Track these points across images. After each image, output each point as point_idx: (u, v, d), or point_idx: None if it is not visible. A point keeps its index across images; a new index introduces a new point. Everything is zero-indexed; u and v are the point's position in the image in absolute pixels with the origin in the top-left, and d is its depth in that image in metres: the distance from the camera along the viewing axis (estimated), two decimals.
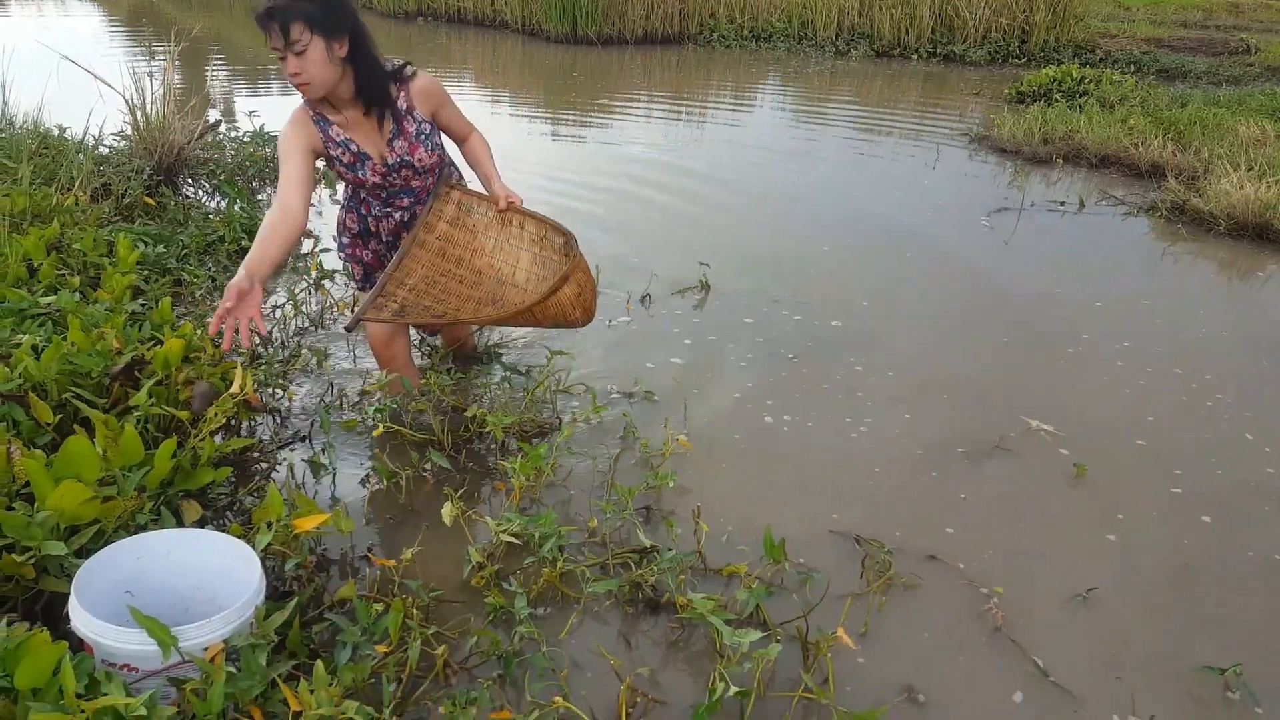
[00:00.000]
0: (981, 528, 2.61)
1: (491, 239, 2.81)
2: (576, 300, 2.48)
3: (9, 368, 2.29)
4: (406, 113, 2.59)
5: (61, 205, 3.74)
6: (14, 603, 1.84)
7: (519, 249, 2.80)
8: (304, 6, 2.25)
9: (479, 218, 2.80)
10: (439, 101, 2.67)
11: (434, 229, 2.76)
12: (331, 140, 2.54)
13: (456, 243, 2.79)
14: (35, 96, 4.92)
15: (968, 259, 4.92)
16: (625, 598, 2.20)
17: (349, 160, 2.57)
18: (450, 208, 2.79)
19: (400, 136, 2.58)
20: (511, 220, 2.80)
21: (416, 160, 2.62)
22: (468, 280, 2.80)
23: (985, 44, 12.71)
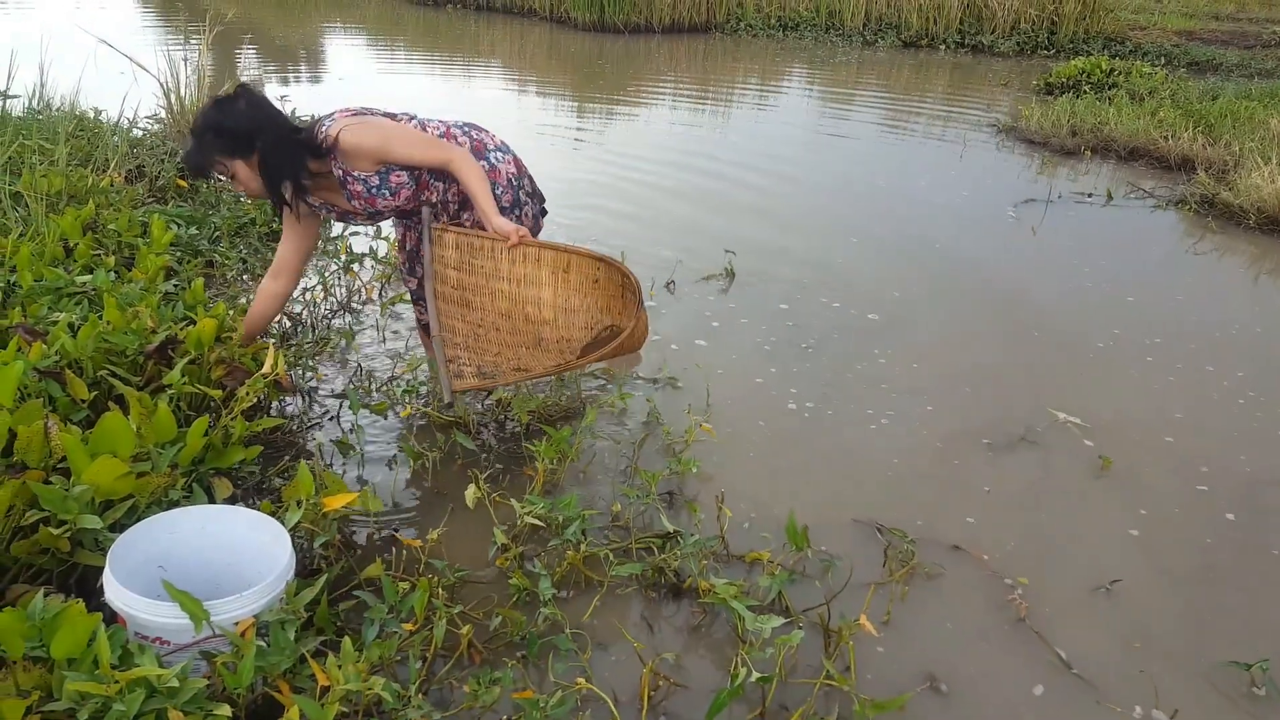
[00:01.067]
0: (1006, 518, 2.61)
1: (505, 279, 2.53)
2: (647, 323, 2.51)
3: (46, 345, 2.33)
4: (345, 177, 2.47)
5: (97, 186, 3.80)
6: (49, 575, 1.89)
7: (539, 285, 2.54)
8: (211, 143, 2.35)
9: (486, 259, 2.52)
10: (373, 153, 2.45)
11: (445, 278, 2.55)
12: (313, 207, 2.59)
13: (472, 289, 2.55)
14: (72, 80, 4.98)
15: (994, 250, 4.88)
16: (648, 582, 2.21)
17: (337, 216, 2.65)
18: (450, 252, 2.53)
19: (354, 197, 2.51)
20: (525, 255, 2.50)
21: (383, 208, 2.56)
22: (502, 326, 2.58)
23: (1014, 35, 12.57)
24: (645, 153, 6.59)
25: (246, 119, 2.37)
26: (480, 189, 2.47)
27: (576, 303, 2.56)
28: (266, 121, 2.40)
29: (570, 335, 2.57)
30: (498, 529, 2.27)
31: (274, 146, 2.39)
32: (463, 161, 2.48)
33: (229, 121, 2.35)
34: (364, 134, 2.43)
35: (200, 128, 2.37)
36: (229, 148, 2.35)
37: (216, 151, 2.35)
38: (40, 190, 3.48)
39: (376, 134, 2.44)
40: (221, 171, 2.40)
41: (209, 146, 2.35)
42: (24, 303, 2.67)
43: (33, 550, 1.83)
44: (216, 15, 5.64)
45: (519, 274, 2.52)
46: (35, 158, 3.93)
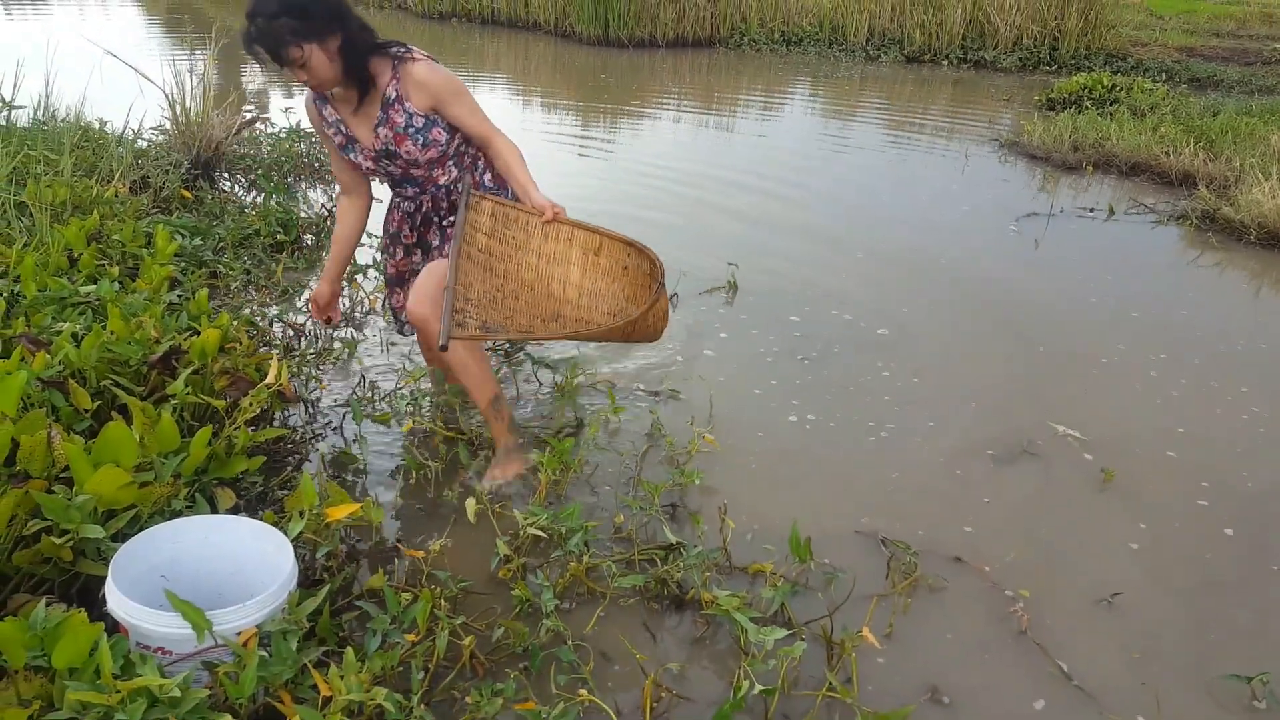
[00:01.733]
0: (1007, 531, 2.60)
1: (535, 253, 2.52)
2: (665, 309, 2.41)
3: (50, 354, 2.33)
4: (396, 101, 2.36)
5: (101, 197, 3.81)
6: (51, 585, 1.88)
7: (568, 264, 2.53)
8: (287, 24, 2.14)
9: (518, 230, 2.51)
10: (440, 97, 2.39)
11: (474, 240, 2.46)
12: (325, 120, 2.47)
13: (499, 256, 2.52)
14: (78, 91, 5.01)
15: (997, 264, 4.89)
16: (651, 594, 2.21)
17: (341, 141, 2.48)
18: (485, 219, 2.48)
19: (385, 125, 2.39)
20: (558, 233, 2.51)
21: (404, 152, 2.42)
22: (522, 295, 2.54)
23: (1016, 50, 12.62)
24: (645, 167, 6.62)
25: (325, 3, 2.22)
26: (518, 164, 2.47)
27: (603, 287, 2.55)
28: (346, 8, 2.28)
29: (591, 319, 2.55)
30: (500, 540, 2.27)
31: (359, 30, 2.28)
32: (505, 139, 2.50)
33: (310, 3, 2.17)
34: (440, 71, 2.39)
35: (272, 8, 2.14)
36: (310, 30, 2.16)
37: (292, 34, 2.14)
38: (45, 200, 3.50)
39: (451, 79, 2.41)
40: (294, 57, 2.17)
41: (283, 29, 2.13)
42: (28, 312, 2.68)
43: (35, 560, 1.82)
44: (222, 27, 5.67)
45: (549, 250, 2.51)
46: (40, 168, 3.95)
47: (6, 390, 1.97)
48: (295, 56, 2.16)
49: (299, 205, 4.92)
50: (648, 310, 2.34)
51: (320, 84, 2.27)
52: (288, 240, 4.27)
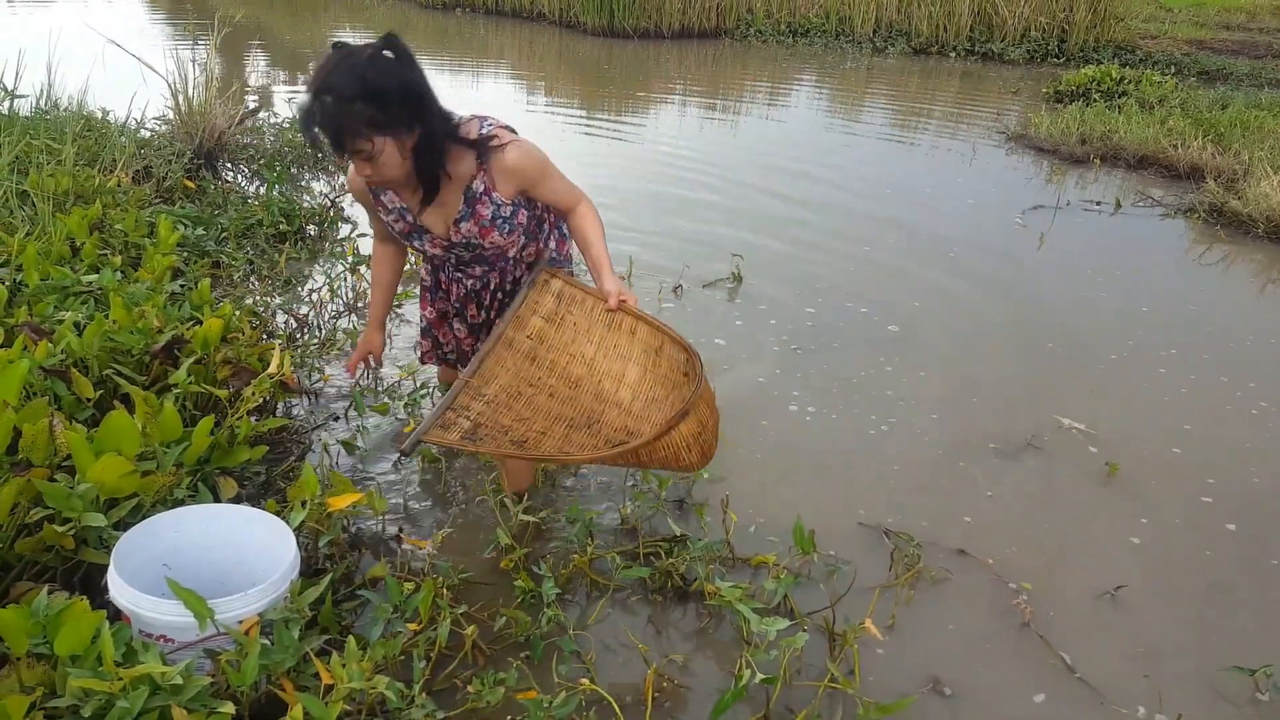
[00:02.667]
0: (1010, 523, 2.60)
1: (594, 344, 2.20)
2: (695, 440, 1.89)
3: (52, 343, 2.33)
4: (484, 194, 2.05)
5: (104, 186, 3.81)
6: (54, 573, 1.88)
7: (627, 360, 2.18)
8: (363, 112, 1.79)
9: (581, 316, 2.21)
10: (530, 181, 2.09)
11: (526, 325, 2.17)
12: (383, 206, 2.12)
13: (552, 345, 2.21)
14: (80, 80, 5.00)
15: (1002, 257, 4.87)
16: (654, 586, 2.21)
17: (404, 229, 2.13)
18: (549, 300, 2.20)
19: (470, 220, 2.07)
20: (621, 323, 2.18)
21: (487, 243, 2.11)
22: (560, 394, 2.19)
23: (1024, 43, 12.55)
24: (648, 160, 6.60)
25: (415, 89, 1.88)
26: (598, 235, 2.18)
27: (661, 394, 2.13)
28: (430, 97, 1.93)
29: (640, 429, 2.10)
30: (501, 529, 2.26)
31: (439, 130, 1.95)
32: (588, 204, 2.21)
33: (393, 91, 1.82)
34: (532, 154, 2.07)
35: (350, 90, 1.78)
36: (389, 122, 1.83)
37: (369, 124, 1.80)
38: (47, 190, 3.49)
39: (541, 160, 2.10)
40: (362, 149, 1.83)
41: (357, 117, 1.78)
42: (30, 301, 2.68)
43: (37, 548, 1.82)
44: (225, 17, 5.66)
45: (610, 341, 2.19)
46: (43, 157, 3.95)
47: (9, 379, 1.97)
48: (364, 149, 1.82)
49: (302, 195, 4.92)
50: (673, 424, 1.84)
51: (384, 181, 1.96)
52: (290, 230, 4.26)
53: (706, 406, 1.92)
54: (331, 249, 4.27)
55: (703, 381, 1.90)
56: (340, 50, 1.83)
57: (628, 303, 2.09)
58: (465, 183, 2.04)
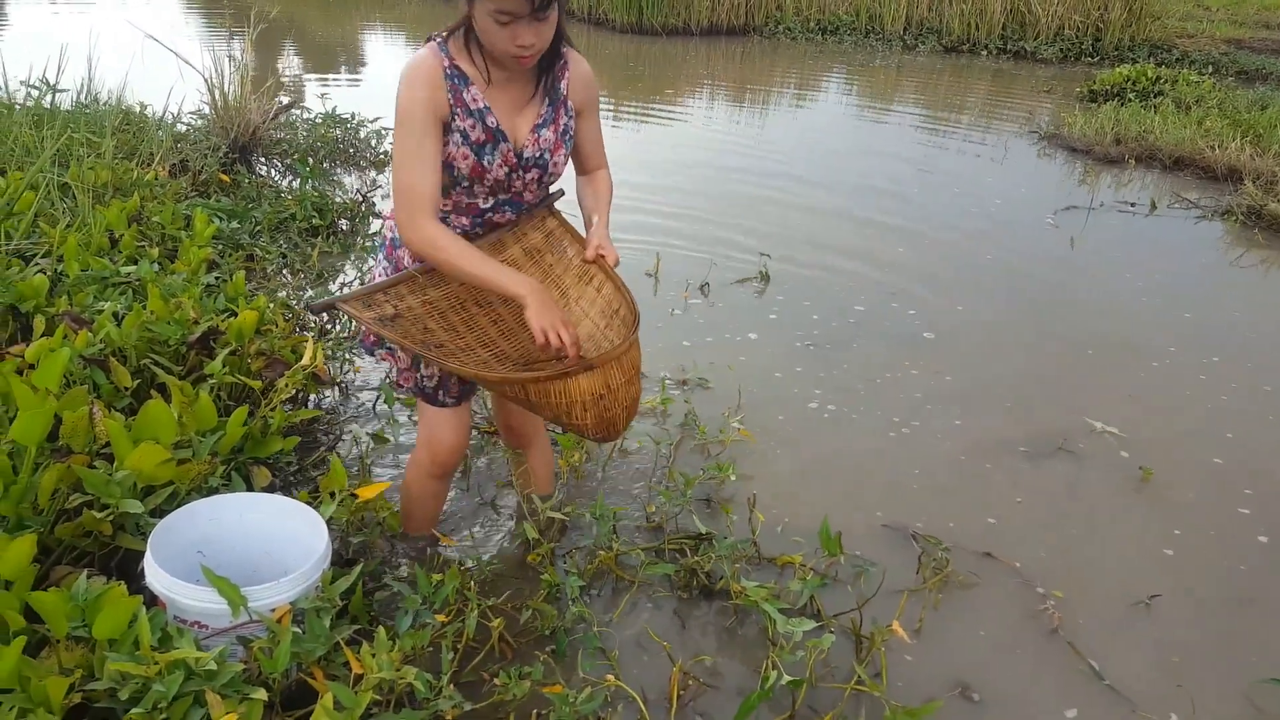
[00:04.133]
0: (1039, 528, 2.57)
1: (559, 292, 2.09)
2: (593, 401, 1.73)
3: (92, 333, 2.37)
4: (563, 99, 1.93)
5: (142, 179, 3.86)
6: (92, 558, 1.92)
7: (583, 316, 2.07)
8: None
9: (558, 260, 2.11)
10: (592, 101, 2.01)
11: (504, 250, 2.05)
12: (464, 105, 1.81)
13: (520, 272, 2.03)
14: (120, 75, 5.07)
15: (1034, 258, 4.82)
16: (680, 583, 2.21)
17: (478, 139, 1.83)
18: (537, 236, 2.10)
19: (550, 125, 1.91)
20: (592, 279, 2.07)
21: (553, 162, 1.95)
22: (504, 325, 2.05)
23: (1057, 41, 12.41)
24: (675, 156, 6.59)
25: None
26: (607, 199, 2.09)
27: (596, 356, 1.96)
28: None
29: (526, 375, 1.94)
30: (528, 524, 2.27)
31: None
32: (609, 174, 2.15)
33: None
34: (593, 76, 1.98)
35: None
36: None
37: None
38: (87, 182, 3.55)
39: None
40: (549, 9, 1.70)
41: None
42: (70, 291, 2.73)
43: (76, 533, 1.86)
44: (261, 13, 5.72)
45: (575, 294, 2.09)
46: (83, 150, 4.01)
47: (50, 367, 2.00)
48: (553, 4, 1.72)
49: (334, 190, 4.97)
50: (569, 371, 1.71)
51: (534, 54, 1.76)
52: (323, 224, 4.31)
53: (621, 373, 1.77)
54: (363, 243, 4.30)
55: (630, 346, 1.77)
56: None
57: (606, 259, 1.98)
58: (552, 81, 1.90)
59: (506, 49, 1.73)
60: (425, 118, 1.77)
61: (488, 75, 1.83)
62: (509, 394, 1.84)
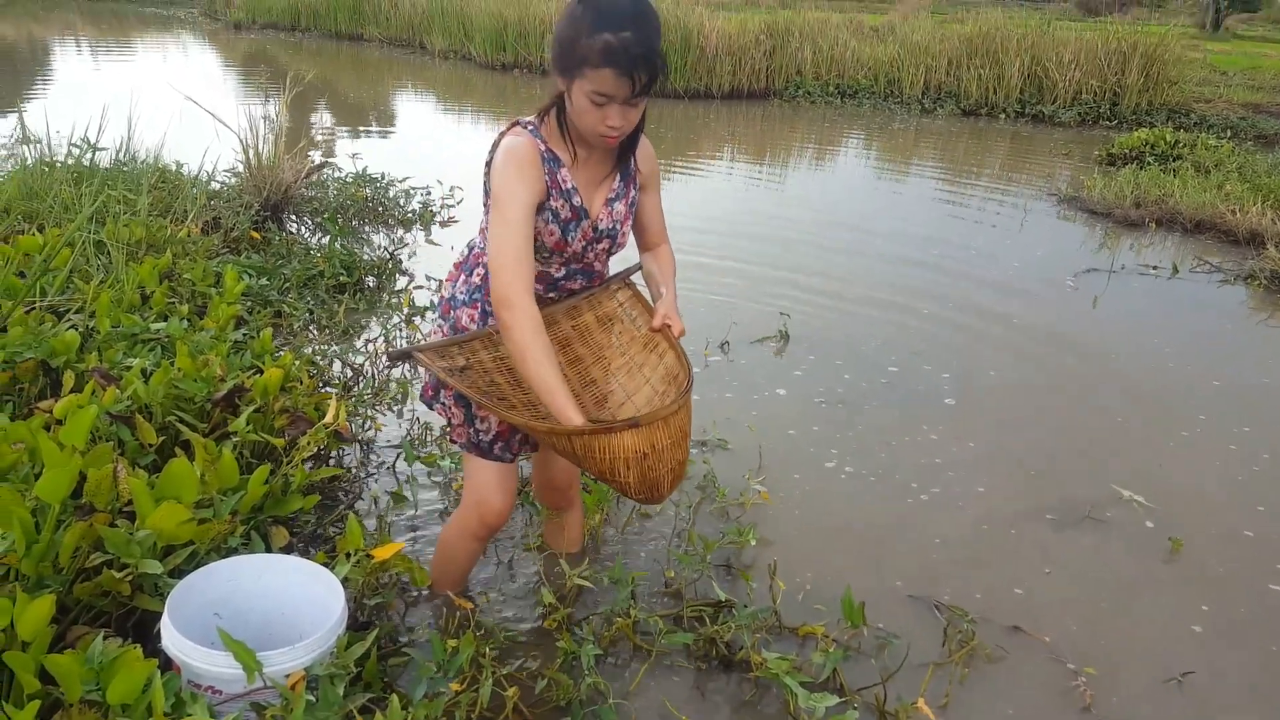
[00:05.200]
0: (1069, 600, 2.52)
1: (624, 357, 2.15)
2: (636, 460, 1.71)
3: (120, 389, 2.40)
4: (634, 172, 2.04)
5: (175, 237, 3.94)
6: (109, 618, 1.91)
7: (644, 382, 2.12)
8: (660, 57, 1.79)
9: (626, 328, 2.17)
10: (654, 176, 2.09)
11: (579, 316, 2.13)
12: (557, 186, 1.89)
13: (588, 342, 2.16)
14: (158, 133, 5.21)
15: (1054, 321, 4.79)
16: (699, 653, 2.17)
17: (566, 216, 1.92)
18: (610, 304, 2.17)
19: (622, 199, 2.00)
20: (657, 345, 2.12)
21: (620, 234, 2.03)
22: (569, 385, 1.96)
23: (1075, 105, 12.51)
24: (696, 216, 6.65)
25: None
26: (671, 271, 2.13)
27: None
28: None
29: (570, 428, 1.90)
30: (546, 589, 2.25)
31: None
32: (671, 249, 2.18)
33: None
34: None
35: (655, 42, 1.77)
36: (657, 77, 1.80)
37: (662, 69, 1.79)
38: (122, 239, 3.62)
39: None
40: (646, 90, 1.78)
41: (658, 64, 1.77)
42: (101, 347, 2.76)
43: (94, 592, 1.86)
44: (297, 75, 5.88)
45: (639, 360, 2.14)
46: (119, 208, 4.10)
47: (78, 424, 2.02)
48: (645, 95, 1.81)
49: (362, 248, 5.04)
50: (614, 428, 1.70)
51: (621, 135, 1.84)
52: (350, 282, 4.37)
53: (667, 434, 1.74)
54: (388, 300, 4.35)
55: (678, 410, 1.74)
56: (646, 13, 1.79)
57: (672, 329, 2.00)
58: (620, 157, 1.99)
59: (595, 128, 1.81)
60: (528, 202, 1.84)
61: (574, 154, 1.91)
62: (556, 446, 1.85)
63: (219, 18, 22.62)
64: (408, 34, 18.20)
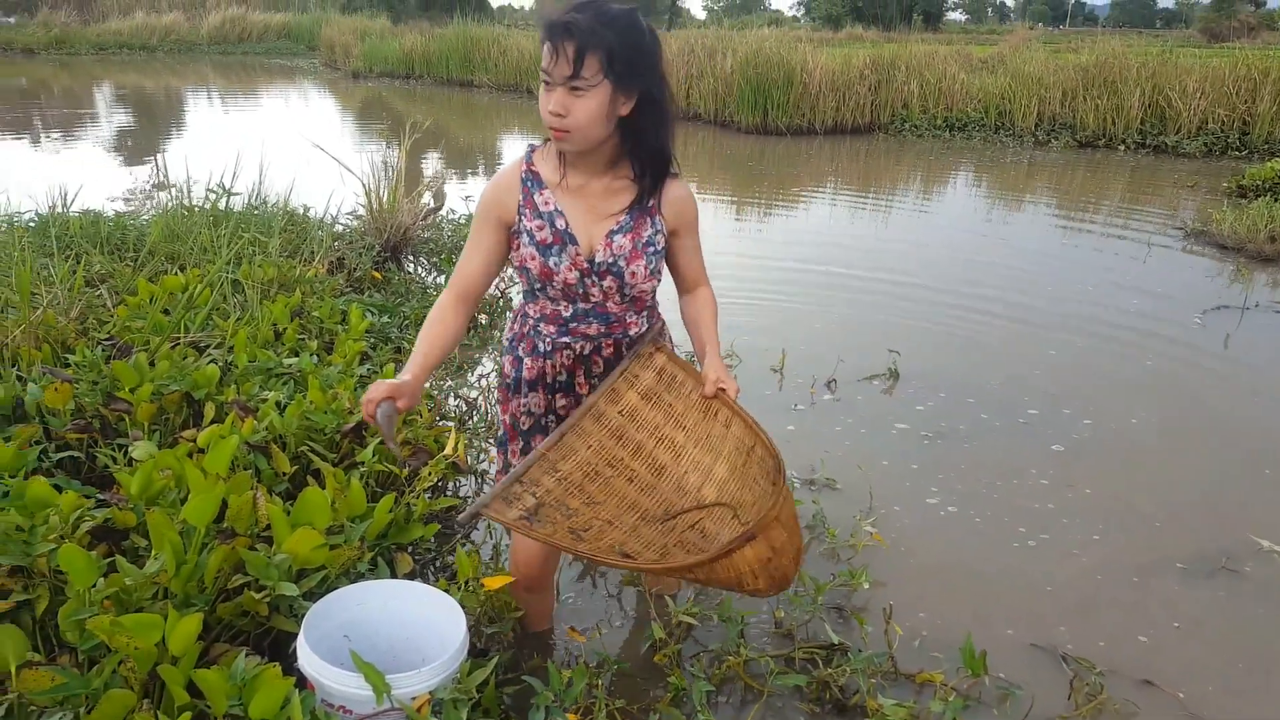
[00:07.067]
0: (1203, 655, 2.38)
1: (686, 431, 2.00)
2: (762, 567, 1.62)
3: (257, 421, 2.54)
4: (652, 209, 1.93)
5: (303, 276, 4.17)
6: (247, 637, 2.02)
7: (718, 454, 1.96)
8: (608, 38, 1.69)
9: (678, 398, 2.01)
10: (687, 222, 1.99)
11: (620, 399, 1.97)
12: (533, 207, 1.87)
13: (642, 424, 1.99)
14: (287, 178, 5.54)
15: (1181, 361, 4.57)
16: (811, 695, 2.14)
17: (544, 240, 1.86)
18: (649, 375, 2.01)
19: (628, 232, 1.88)
20: (717, 413, 1.97)
21: (629, 272, 1.89)
22: (641, 479, 1.96)
23: (1200, 135, 11.98)
24: (800, 251, 6.63)
25: (654, 55, 1.80)
26: (712, 316, 2.06)
27: (748, 499, 1.87)
28: (664, 75, 1.85)
29: (720, 533, 1.87)
30: (655, 623, 2.27)
31: (657, 108, 1.83)
32: (712, 291, 2.10)
33: (637, 39, 1.74)
34: (694, 197, 2.01)
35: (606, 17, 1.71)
36: (620, 61, 1.71)
37: (605, 52, 1.69)
38: (256, 279, 3.86)
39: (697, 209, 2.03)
40: (585, 72, 1.69)
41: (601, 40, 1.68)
42: (238, 381, 2.94)
43: (235, 612, 1.97)
44: (416, 124, 6.16)
45: (704, 430, 1.99)
46: (252, 249, 4.37)
47: (220, 453, 2.15)
48: (586, 73, 1.69)
49: None
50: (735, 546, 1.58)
51: (569, 128, 1.75)
52: None
53: (783, 529, 1.65)
54: (499, 337, 4.49)
55: (783, 501, 1.64)
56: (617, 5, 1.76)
57: (726, 392, 1.91)
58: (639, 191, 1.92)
59: (544, 114, 1.77)
60: (487, 215, 1.92)
61: (563, 175, 1.88)
62: (672, 576, 1.83)
63: (339, 67, 23.91)
64: (515, 79, 18.87)
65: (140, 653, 1.65)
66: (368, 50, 22.70)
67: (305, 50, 29.58)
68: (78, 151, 10.60)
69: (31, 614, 1.85)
